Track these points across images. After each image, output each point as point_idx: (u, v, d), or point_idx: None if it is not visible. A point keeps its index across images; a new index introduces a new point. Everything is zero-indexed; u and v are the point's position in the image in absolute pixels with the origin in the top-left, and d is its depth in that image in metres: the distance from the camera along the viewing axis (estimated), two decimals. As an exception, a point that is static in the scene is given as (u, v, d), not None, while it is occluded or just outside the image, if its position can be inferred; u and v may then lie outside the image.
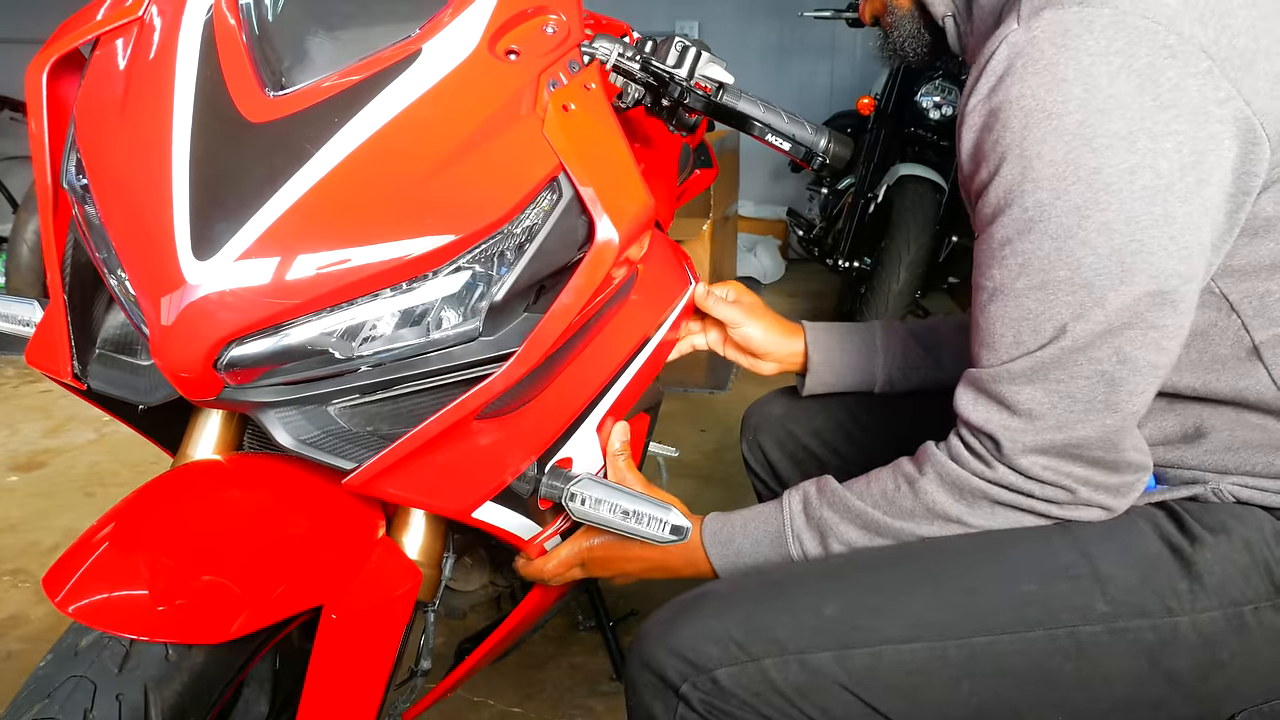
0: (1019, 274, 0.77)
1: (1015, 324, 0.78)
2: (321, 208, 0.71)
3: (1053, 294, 0.76)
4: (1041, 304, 0.76)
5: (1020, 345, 0.78)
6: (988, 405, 0.82)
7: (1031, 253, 0.76)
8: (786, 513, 0.93)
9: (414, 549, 0.90)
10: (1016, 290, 0.77)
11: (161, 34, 0.79)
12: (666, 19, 4.89)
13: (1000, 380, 0.80)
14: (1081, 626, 0.80)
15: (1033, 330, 0.78)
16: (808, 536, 0.91)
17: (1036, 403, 0.79)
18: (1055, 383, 0.78)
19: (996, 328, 0.80)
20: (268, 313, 0.69)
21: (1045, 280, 0.76)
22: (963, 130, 0.80)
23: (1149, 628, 0.79)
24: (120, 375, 0.85)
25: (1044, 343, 0.77)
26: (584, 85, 0.81)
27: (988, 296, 0.80)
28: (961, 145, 0.81)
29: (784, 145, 1.01)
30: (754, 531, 0.94)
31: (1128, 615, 0.79)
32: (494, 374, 0.75)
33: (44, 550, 2.15)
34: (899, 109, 3.34)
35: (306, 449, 0.75)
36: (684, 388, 3.13)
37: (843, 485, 0.91)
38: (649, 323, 1.01)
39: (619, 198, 0.77)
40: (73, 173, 0.79)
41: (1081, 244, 0.74)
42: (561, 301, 0.75)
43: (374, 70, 0.76)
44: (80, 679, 0.71)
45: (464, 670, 1.14)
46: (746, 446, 1.31)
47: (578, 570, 1.02)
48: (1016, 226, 0.76)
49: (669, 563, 0.99)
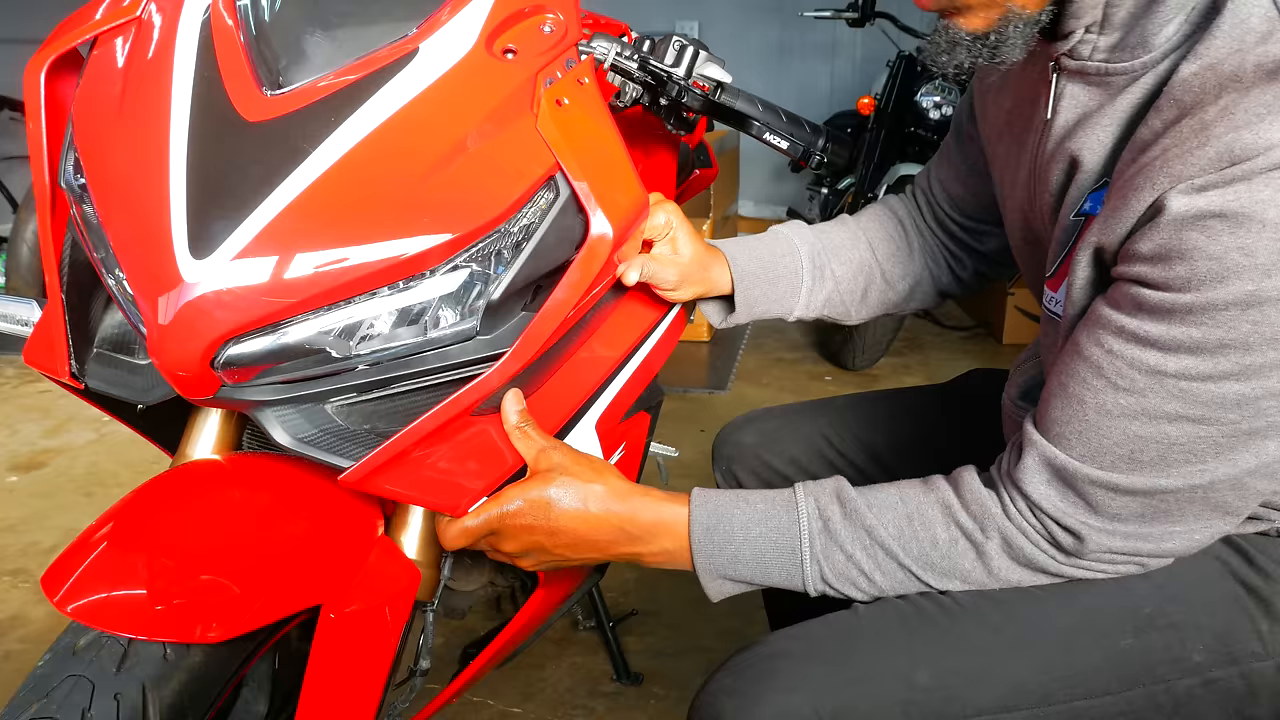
0: (1174, 400, 0.67)
1: (1139, 442, 0.70)
2: (319, 206, 0.71)
3: (1205, 430, 0.68)
4: (1186, 437, 0.68)
5: (1135, 464, 0.70)
6: (1072, 501, 0.74)
7: (1209, 394, 0.66)
8: (804, 530, 0.81)
9: (413, 548, 0.89)
10: (1161, 413, 0.68)
11: (159, 33, 0.79)
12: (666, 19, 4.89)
13: (1097, 485, 0.72)
14: (1178, 681, 0.76)
15: (1159, 457, 0.69)
16: (829, 569, 0.80)
17: (1131, 513, 0.73)
18: (1160, 504, 0.72)
19: (1110, 431, 0.70)
20: (265, 311, 0.69)
21: (1205, 417, 0.67)
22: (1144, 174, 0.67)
23: (1238, 675, 0.77)
24: (118, 374, 0.85)
25: (1166, 474, 0.70)
26: (577, 80, 0.81)
27: (1107, 387, 0.70)
28: (1133, 193, 0.68)
29: (782, 144, 1.01)
30: (758, 541, 0.81)
31: (1220, 664, 0.76)
32: (489, 370, 0.75)
33: (43, 550, 2.15)
34: (899, 109, 3.34)
35: (304, 447, 0.75)
36: (684, 388, 3.13)
37: (872, 514, 0.80)
38: (647, 319, 1.01)
39: (613, 193, 0.77)
40: (70, 172, 0.79)
41: (1277, 399, 0.66)
42: (556, 297, 0.75)
43: (371, 69, 0.76)
44: (78, 678, 0.71)
45: (468, 675, 1.13)
46: (721, 478, 1.20)
47: (492, 541, 0.84)
48: (1206, 364, 0.66)
49: (631, 549, 0.84)
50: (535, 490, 0.81)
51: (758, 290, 1.06)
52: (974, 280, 1.17)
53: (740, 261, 1.06)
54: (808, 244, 1.10)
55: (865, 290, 1.13)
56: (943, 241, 1.15)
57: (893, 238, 1.14)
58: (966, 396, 1.16)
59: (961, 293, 1.19)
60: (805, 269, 1.09)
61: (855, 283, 1.12)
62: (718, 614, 1.88)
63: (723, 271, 1.05)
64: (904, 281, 1.14)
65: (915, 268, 1.14)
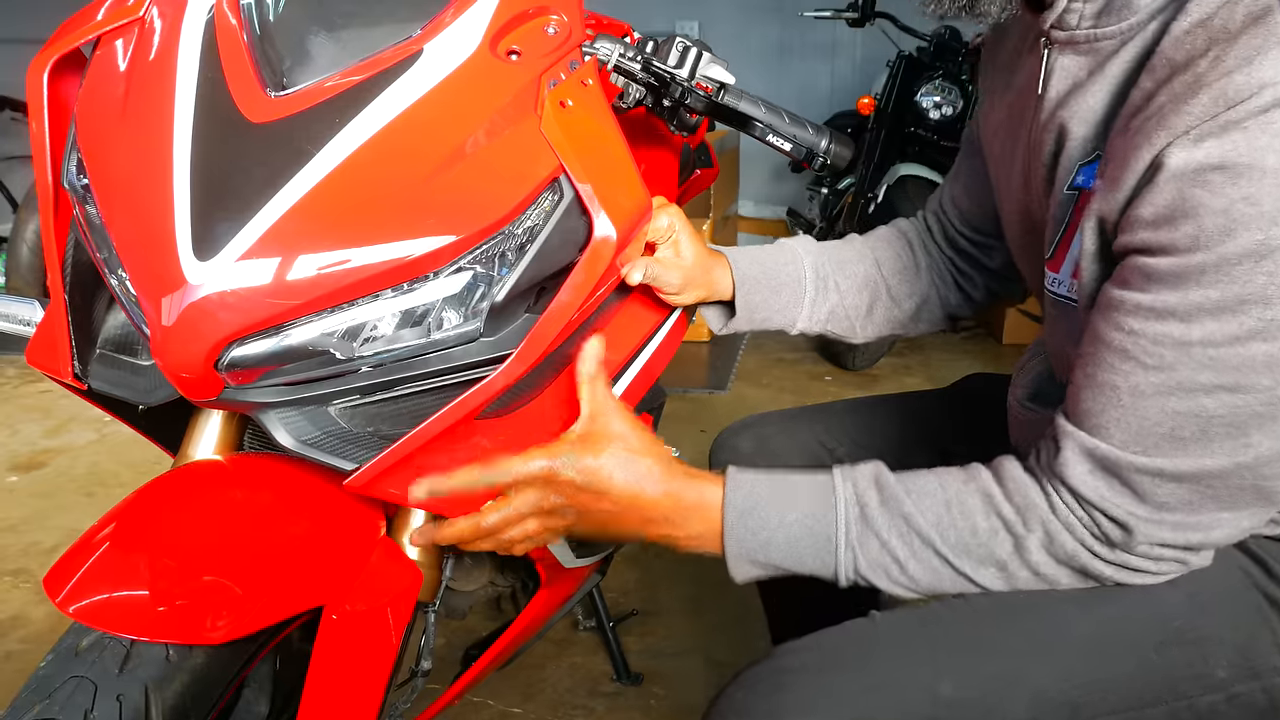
0: (1205, 370, 0.65)
1: (1177, 418, 0.67)
2: (322, 208, 0.70)
3: (1242, 399, 0.65)
4: (1224, 408, 0.66)
5: (1178, 443, 0.68)
6: (1118, 490, 0.71)
7: (1238, 358, 0.64)
8: (841, 518, 0.78)
9: (414, 549, 0.89)
10: (1195, 385, 0.66)
11: (162, 34, 0.79)
12: (666, 19, 4.88)
13: (1143, 472, 0.70)
14: (1201, 697, 0.74)
15: (1201, 432, 0.67)
16: (864, 557, 0.78)
17: (1179, 500, 0.70)
18: (1208, 489, 0.69)
19: (1148, 411, 0.68)
20: (268, 313, 0.69)
21: (1239, 384, 0.65)
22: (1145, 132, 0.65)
23: (1260, 689, 0.75)
24: (121, 375, 0.85)
25: (1210, 451, 0.68)
26: (581, 82, 0.81)
27: (1137, 369, 0.68)
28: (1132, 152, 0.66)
29: (785, 145, 1.01)
30: (793, 528, 0.79)
31: (1243, 679, 0.75)
32: (494, 372, 0.75)
33: (44, 550, 2.15)
34: (899, 109, 3.35)
35: (307, 449, 0.75)
36: (684, 388, 3.13)
37: (910, 500, 0.77)
38: (649, 323, 1.01)
39: (616, 194, 0.77)
40: (73, 173, 0.79)
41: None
42: (560, 299, 0.75)
43: (375, 71, 0.76)
44: (81, 679, 0.71)
45: (470, 677, 1.13)
46: None
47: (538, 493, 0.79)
48: (1229, 326, 0.64)
49: (668, 530, 0.81)
50: (590, 455, 0.78)
51: (759, 296, 1.05)
52: (984, 299, 1.16)
53: (742, 266, 1.05)
54: (812, 255, 1.09)
55: (871, 306, 1.11)
56: (951, 259, 1.15)
57: (899, 255, 1.14)
58: (967, 400, 1.15)
59: (971, 313, 1.17)
60: (809, 279, 1.08)
61: (860, 297, 1.10)
62: (718, 614, 1.88)
63: (725, 275, 1.04)
64: (910, 300, 1.13)
65: (922, 286, 1.13)
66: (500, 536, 0.81)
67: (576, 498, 0.79)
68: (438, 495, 0.76)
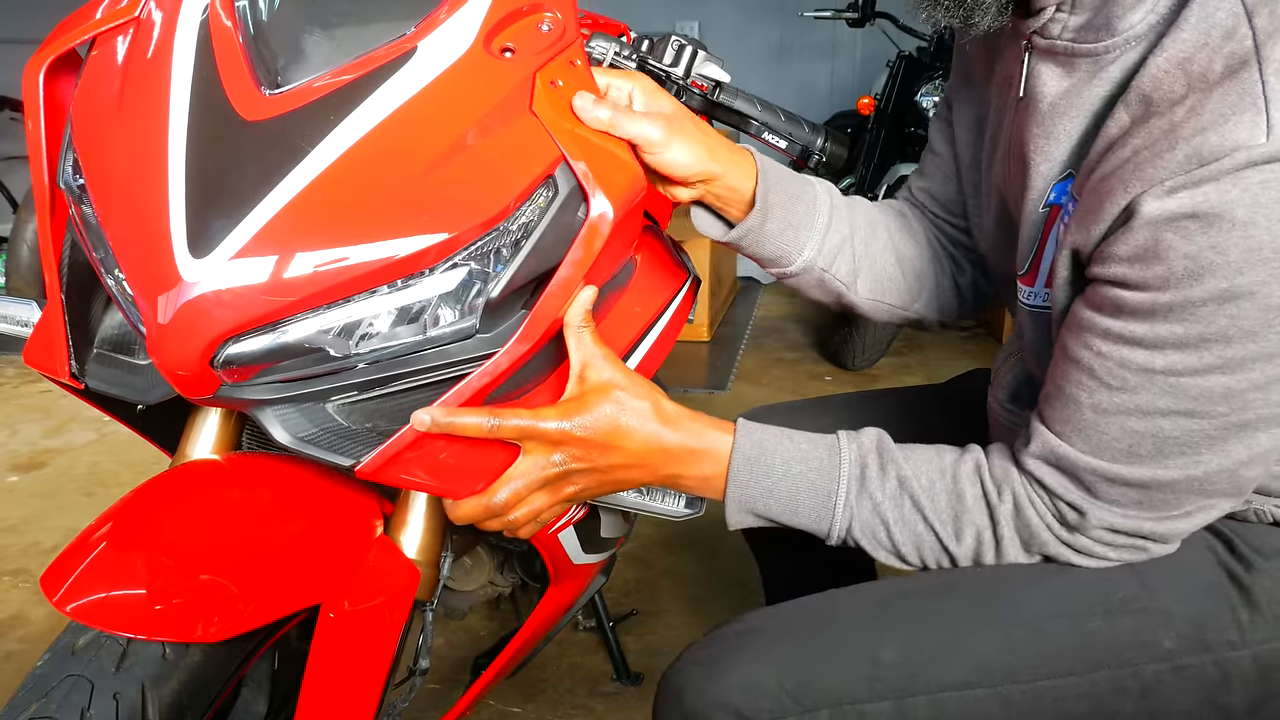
0: (1165, 396, 0.70)
1: (1135, 436, 0.72)
2: (317, 205, 0.71)
3: (1197, 424, 0.70)
4: (1180, 430, 0.70)
5: (1134, 457, 0.73)
6: (1074, 485, 0.76)
7: (1197, 388, 0.68)
8: (843, 477, 0.81)
9: (412, 548, 0.89)
10: (1154, 408, 0.70)
11: (158, 33, 0.79)
12: (666, 19, 4.88)
13: (1098, 475, 0.74)
14: (1146, 665, 0.77)
15: (1156, 449, 0.72)
16: (858, 519, 0.81)
17: (1130, 500, 0.75)
18: (1158, 494, 0.74)
19: (1108, 428, 0.73)
20: (264, 310, 0.69)
21: (1196, 410, 0.69)
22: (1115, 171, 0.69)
23: (1211, 662, 0.77)
24: (118, 374, 0.85)
25: (1164, 465, 0.72)
26: (570, 62, 0.82)
27: (1101, 388, 0.72)
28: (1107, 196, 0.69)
29: (781, 143, 1.01)
30: (796, 480, 0.82)
31: (1192, 651, 0.77)
32: (499, 352, 0.75)
33: (44, 550, 2.16)
34: (899, 109, 3.35)
35: (304, 446, 0.75)
36: (684, 388, 3.13)
37: (908, 465, 0.81)
38: (649, 312, 1.02)
39: (611, 172, 0.77)
40: (69, 172, 0.79)
41: (1261, 391, 0.68)
42: (560, 275, 0.76)
43: (369, 68, 0.76)
44: (77, 678, 0.71)
45: (481, 685, 1.14)
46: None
47: (541, 499, 0.80)
48: (1191, 359, 0.68)
49: (675, 469, 0.82)
50: (592, 409, 0.78)
51: (777, 197, 0.94)
52: (970, 293, 1.13)
53: (766, 164, 0.95)
54: (824, 187, 1.02)
55: (876, 256, 1.04)
56: (941, 242, 1.14)
57: (901, 214, 1.11)
58: (966, 396, 1.15)
59: (959, 311, 1.14)
60: (823, 202, 0.99)
61: (871, 234, 1.04)
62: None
63: (743, 164, 0.92)
64: (912, 264, 1.07)
65: (922, 249, 1.09)
66: (508, 516, 0.81)
67: (587, 454, 0.79)
68: (441, 428, 0.74)
